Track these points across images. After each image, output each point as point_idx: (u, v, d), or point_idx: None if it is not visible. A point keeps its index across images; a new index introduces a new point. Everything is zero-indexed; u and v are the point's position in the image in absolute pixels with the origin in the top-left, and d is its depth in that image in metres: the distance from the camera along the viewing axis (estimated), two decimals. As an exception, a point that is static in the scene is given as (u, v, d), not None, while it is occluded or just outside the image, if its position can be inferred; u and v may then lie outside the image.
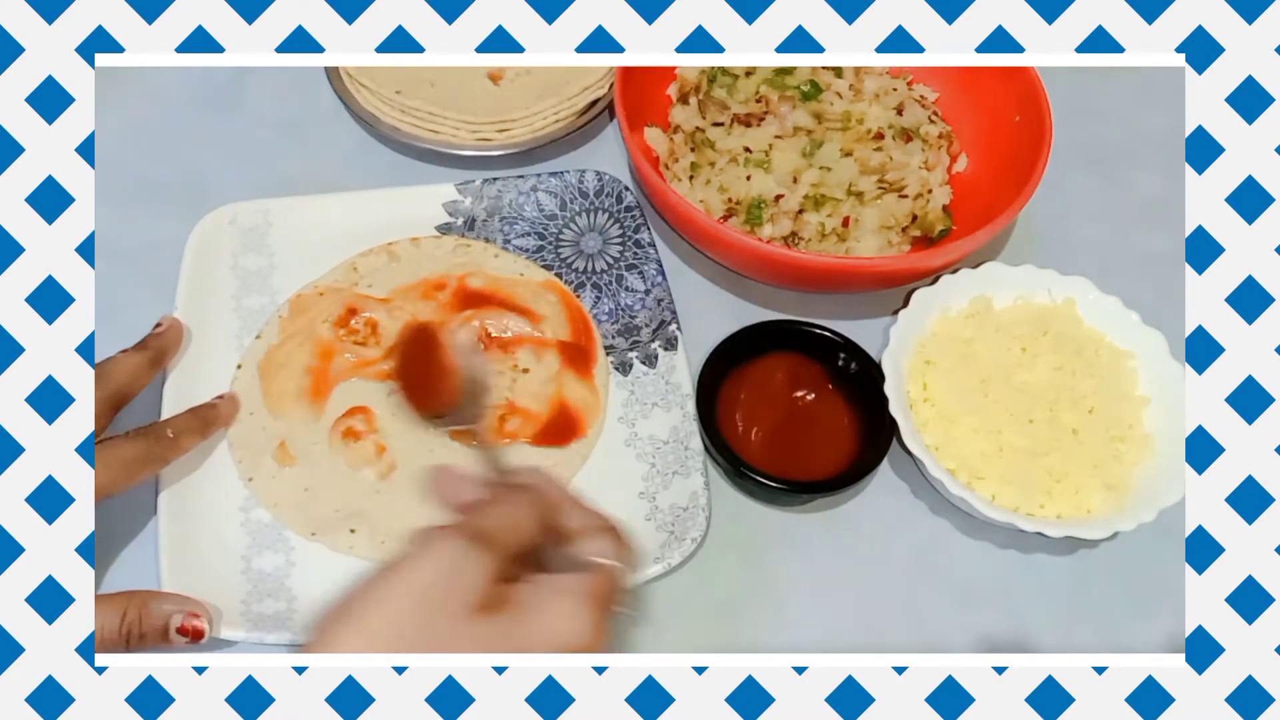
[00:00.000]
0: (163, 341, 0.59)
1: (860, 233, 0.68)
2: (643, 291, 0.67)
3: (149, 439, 0.54)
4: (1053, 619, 0.58)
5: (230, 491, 0.58)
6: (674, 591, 0.57)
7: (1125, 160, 0.78)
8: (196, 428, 0.57)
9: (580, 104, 0.73)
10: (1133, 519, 0.56)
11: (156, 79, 0.76)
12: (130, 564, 0.56)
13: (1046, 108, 0.68)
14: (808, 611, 0.57)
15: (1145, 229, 0.75)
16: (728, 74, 0.75)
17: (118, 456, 0.52)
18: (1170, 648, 0.57)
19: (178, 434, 0.55)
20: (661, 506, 0.58)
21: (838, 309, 0.68)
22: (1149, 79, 0.80)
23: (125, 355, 0.57)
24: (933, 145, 0.73)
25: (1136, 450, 0.60)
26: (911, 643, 0.57)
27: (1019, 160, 0.67)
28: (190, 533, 0.56)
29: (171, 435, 0.55)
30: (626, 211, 0.70)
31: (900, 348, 0.61)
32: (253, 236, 0.67)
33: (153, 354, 0.58)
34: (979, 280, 0.65)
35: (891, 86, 0.75)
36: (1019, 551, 0.60)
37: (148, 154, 0.72)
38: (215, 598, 0.53)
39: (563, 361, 0.63)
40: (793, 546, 0.59)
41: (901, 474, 0.62)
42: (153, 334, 0.59)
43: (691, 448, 0.59)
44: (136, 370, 0.56)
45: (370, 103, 0.73)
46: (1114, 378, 0.62)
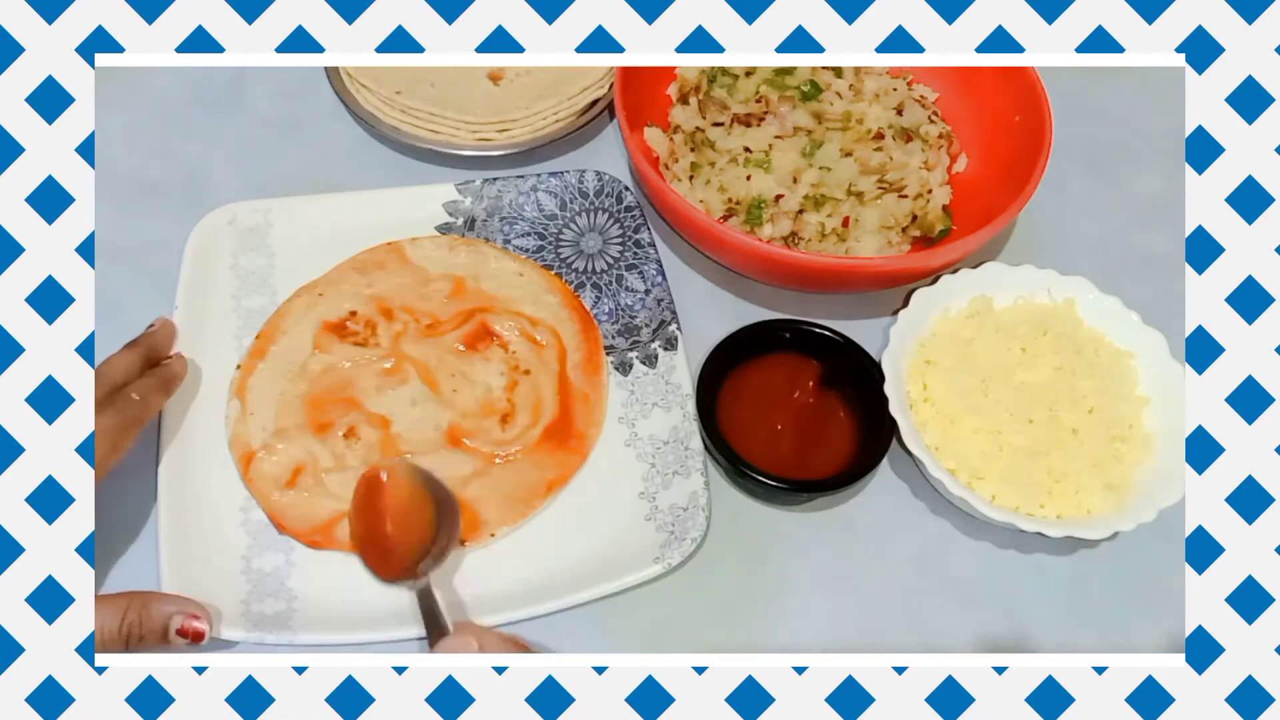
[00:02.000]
0: (154, 340, 0.60)
1: (860, 233, 0.68)
2: (643, 291, 0.67)
3: (118, 407, 0.54)
4: (1053, 619, 0.58)
5: (230, 491, 0.58)
6: (674, 591, 0.57)
7: (1125, 160, 0.78)
8: (158, 387, 0.58)
9: (580, 104, 0.73)
10: (1133, 519, 0.56)
11: (156, 79, 0.76)
12: (130, 564, 0.56)
13: (1046, 108, 0.68)
14: (808, 612, 0.57)
15: (1145, 229, 0.75)
16: (728, 74, 0.75)
17: (99, 431, 0.52)
18: (1170, 648, 0.57)
19: (143, 395, 0.56)
20: (661, 506, 0.58)
21: (838, 309, 0.68)
22: (1149, 79, 0.80)
23: (118, 355, 0.57)
24: (932, 145, 0.73)
25: (1136, 450, 0.60)
26: (911, 643, 0.56)
27: (1019, 160, 0.67)
28: (190, 533, 0.56)
29: (138, 398, 0.55)
30: (626, 211, 0.70)
31: (900, 348, 0.61)
32: (253, 236, 0.67)
33: (144, 350, 0.59)
34: (979, 280, 0.65)
35: (891, 86, 0.75)
36: (1019, 551, 0.60)
37: (148, 154, 0.72)
38: (215, 598, 0.53)
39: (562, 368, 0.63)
40: (793, 546, 0.59)
41: (901, 474, 0.62)
42: (145, 333, 0.60)
43: (691, 448, 0.59)
44: (129, 368, 0.57)
45: (370, 103, 0.73)
46: (1114, 378, 0.62)
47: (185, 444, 0.59)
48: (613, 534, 0.58)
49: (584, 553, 0.57)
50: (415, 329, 0.64)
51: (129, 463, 0.58)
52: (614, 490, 0.59)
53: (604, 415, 0.62)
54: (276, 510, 0.57)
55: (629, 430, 0.62)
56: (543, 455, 0.60)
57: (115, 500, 0.57)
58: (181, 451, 0.58)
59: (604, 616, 0.56)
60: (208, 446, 0.59)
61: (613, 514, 0.59)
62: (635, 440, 0.61)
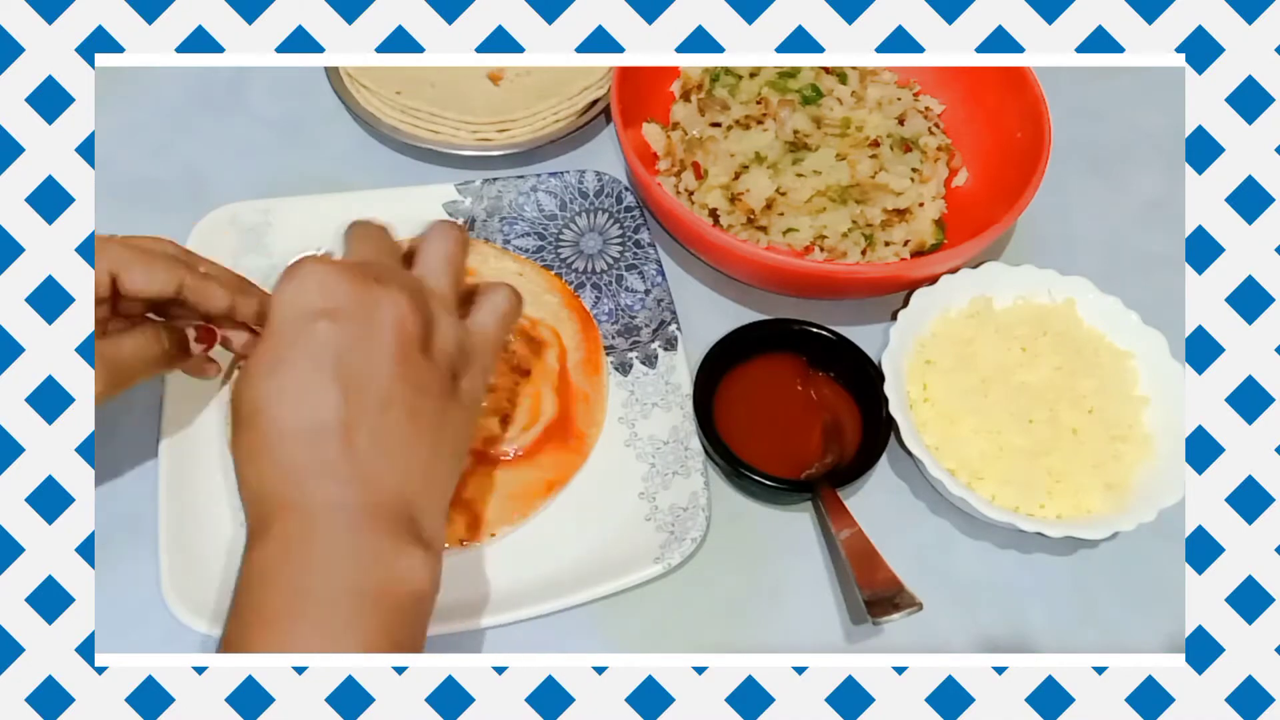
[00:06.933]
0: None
1: (851, 241, 0.68)
2: (642, 292, 0.67)
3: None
4: (1053, 619, 0.58)
5: (230, 491, 0.58)
6: (674, 591, 0.57)
7: (1125, 161, 0.78)
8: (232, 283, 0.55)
9: (580, 104, 0.73)
10: (1133, 519, 0.56)
11: (156, 79, 0.76)
12: (130, 564, 0.56)
13: (1047, 122, 0.67)
14: (808, 612, 0.57)
15: (1145, 229, 0.75)
16: (731, 74, 0.75)
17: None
18: (1170, 648, 0.57)
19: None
20: (661, 506, 0.58)
21: (837, 309, 0.68)
22: (1149, 79, 0.80)
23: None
24: (930, 157, 0.72)
25: (1136, 450, 0.60)
26: (911, 643, 0.57)
27: (1017, 175, 0.66)
28: (190, 533, 0.56)
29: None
30: (626, 212, 0.70)
31: (900, 348, 0.61)
32: (253, 236, 0.67)
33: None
34: (979, 280, 0.65)
35: (896, 96, 0.75)
36: (1019, 551, 0.60)
37: (148, 154, 0.72)
38: (215, 598, 0.53)
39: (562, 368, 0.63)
40: (793, 546, 0.59)
41: (901, 474, 0.62)
42: None
43: (691, 448, 0.59)
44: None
45: (370, 103, 0.73)
46: (1114, 378, 0.62)
47: (185, 444, 0.59)
48: (612, 534, 0.58)
49: (584, 553, 0.57)
50: (415, 329, 0.64)
51: (129, 463, 0.59)
52: (614, 490, 0.59)
53: (604, 415, 0.62)
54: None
55: (629, 430, 0.62)
56: (542, 455, 0.60)
57: (115, 500, 0.57)
58: (181, 451, 0.58)
59: (604, 616, 0.56)
60: (208, 446, 0.59)
61: (612, 514, 0.59)
62: (635, 440, 0.61)
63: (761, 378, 0.63)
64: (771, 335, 0.64)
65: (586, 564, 0.56)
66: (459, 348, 0.47)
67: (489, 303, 0.50)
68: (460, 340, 0.47)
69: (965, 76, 0.74)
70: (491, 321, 0.50)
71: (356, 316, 0.43)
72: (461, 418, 0.47)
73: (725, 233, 0.67)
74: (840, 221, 0.68)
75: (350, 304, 0.44)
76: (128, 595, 0.54)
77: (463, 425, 0.47)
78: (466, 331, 0.48)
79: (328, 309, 0.43)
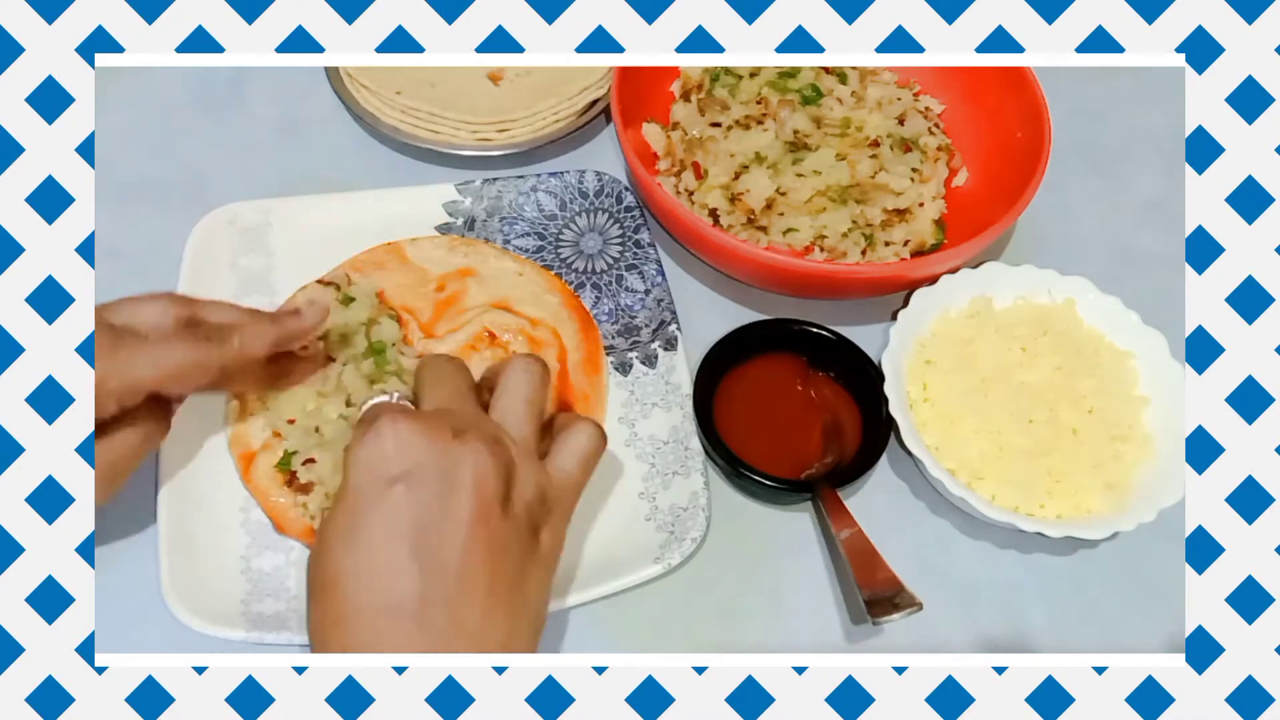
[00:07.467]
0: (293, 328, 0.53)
1: (851, 241, 0.68)
2: (642, 292, 0.67)
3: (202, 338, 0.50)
4: (1053, 619, 0.58)
5: (230, 491, 0.58)
6: (674, 591, 0.57)
7: (1125, 161, 0.78)
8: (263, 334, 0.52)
9: (580, 104, 0.73)
10: (1133, 519, 0.56)
11: (156, 79, 0.76)
12: (130, 564, 0.56)
13: (1047, 123, 0.67)
14: (808, 612, 0.57)
15: (1145, 229, 0.75)
16: (731, 74, 0.75)
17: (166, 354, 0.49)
18: (1170, 648, 0.57)
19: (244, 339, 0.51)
20: (661, 506, 0.58)
21: (837, 309, 0.68)
22: (1149, 79, 0.80)
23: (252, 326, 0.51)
24: (930, 157, 0.72)
25: (1136, 450, 0.60)
26: (911, 643, 0.57)
27: (1017, 175, 0.66)
28: (190, 533, 0.56)
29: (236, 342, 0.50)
30: (626, 212, 0.70)
31: (900, 348, 0.61)
32: (253, 236, 0.67)
33: (279, 333, 0.52)
34: (979, 280, 0.65)
35: (896, 96, 0.75)
36: (1019, 551, 0.60)
37: (148, 154, 0.72)
38: (215, 598, 0.53)
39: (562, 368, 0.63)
40: (793, 546, 0.59)
41: (901, 474, 0.62)
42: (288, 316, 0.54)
43: (691, 448, 0.59)
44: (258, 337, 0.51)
45: (370, 103, 0.73)
46: (1114, 378, 0.62)
47: (185, 444, 0.59)
48: (613, 534, 0.58)
49: (583, 553, 0.57)
50: (415, 328, 0.64)
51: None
52: (614, 490, 0.59)
53: (604, 415, 0.62)
54: (276, 510, 0.57)
55: (629, 430, 0.62)
56: (543, 455, 0.60)
57: (115, 500, 0.57)
58: (181, 452, 0.58)
59: (604, 616, 0.56)
60: (208, 446, 0.59)
61: (613, 514, 0.59)
62: (635, 440, 0.61)
63: (761, 378, 0.63)
64: (771, 335, 0.64)
65: (586, 564, 0.56)
66: (540, 498, 0.46)
67: (572, 443, 0.49)
68: (541, 488, 0.46)
69: (965, 76, 0.74)
70: (573, 465, 0.48)
71: (435, 478, 0.43)
72: (541, 575, 0.46)
73: (725, 233, 0.67)
74: (840, 221, 0.68)
75: (428, 464, 0.43)
76: (128, 595, 0.54)
77: (543, 583, 0.46)
78: (548, 478, 0.47)
79: (405, 472, 0.43)
